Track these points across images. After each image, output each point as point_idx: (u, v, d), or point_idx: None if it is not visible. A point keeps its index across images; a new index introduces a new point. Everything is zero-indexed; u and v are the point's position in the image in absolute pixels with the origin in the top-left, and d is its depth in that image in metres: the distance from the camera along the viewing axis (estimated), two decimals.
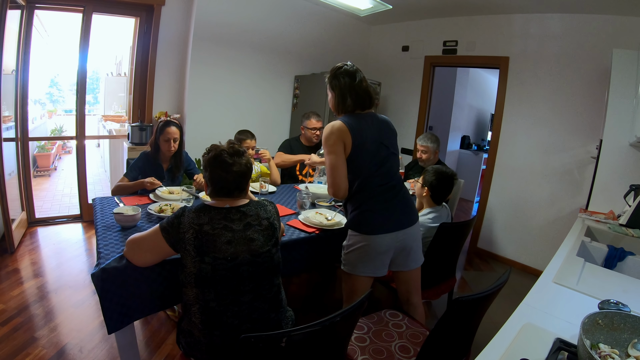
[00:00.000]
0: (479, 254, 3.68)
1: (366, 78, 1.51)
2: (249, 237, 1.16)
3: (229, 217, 1.16)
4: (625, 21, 2.78)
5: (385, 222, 1.46)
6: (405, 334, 1.42)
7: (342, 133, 1.41)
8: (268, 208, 1.27)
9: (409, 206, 1.54)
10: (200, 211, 1.14)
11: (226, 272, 1.11)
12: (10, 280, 2.30)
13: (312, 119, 2.81)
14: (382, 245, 1.46)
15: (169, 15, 3.25)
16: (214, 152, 1.19)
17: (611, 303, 0.94)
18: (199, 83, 3.33)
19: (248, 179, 1.24)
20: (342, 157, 1.43)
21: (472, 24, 3.62)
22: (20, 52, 2.86)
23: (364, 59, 4.61)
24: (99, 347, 1.78)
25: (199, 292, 1.11)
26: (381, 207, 1.47)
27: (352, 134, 1.41)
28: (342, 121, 1.44)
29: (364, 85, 1.49)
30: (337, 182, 1.44)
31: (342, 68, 1.49)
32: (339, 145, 1.42)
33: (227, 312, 1.12)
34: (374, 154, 1.46)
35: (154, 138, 2.19)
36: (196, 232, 1.10)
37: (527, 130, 3.34)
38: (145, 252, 1.18)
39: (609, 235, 1.97)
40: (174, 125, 2.17)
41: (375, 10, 3.07)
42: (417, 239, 1.57)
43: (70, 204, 4.19)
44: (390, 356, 1.28)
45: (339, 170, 1.43)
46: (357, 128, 1.43)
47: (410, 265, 1.58)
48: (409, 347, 1.34)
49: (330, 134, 1.42)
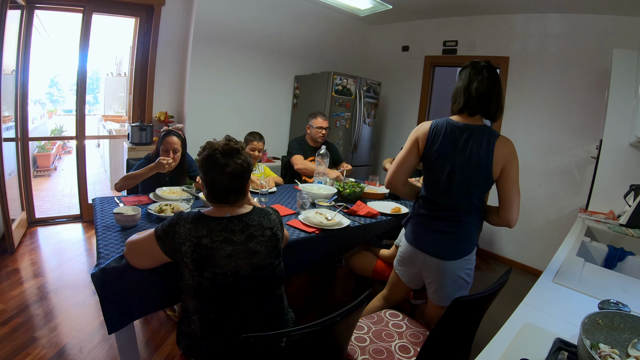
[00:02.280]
0: (479, 254, 3.66)
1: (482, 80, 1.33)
2: (251, 250, 1.09)
3: (230, 228, 1.09)
4: (625, 21, 2.78)
5: (414, 235, 1.47)
6: (405, 333, 1.42)
7: (419, 132, 1.41)
8: (272, 217, 1.20)
9: (449, 238, 1.38)
10: (198, 222, 1.07)
11: (226, 287, 1.06)
12: (10, 280, 2.30)
13: (319, 117, 2.83)
14: (405, 254, 1.51)
15: (169, 15, 3.25)
16: (207, 152, 1.11)
17: (611, 303, 0.94)
18: (199, 83, 3.33)
19: (246, 180, 1.15)
20: (407, 154, 1.42)
21: (472, 24, 3.62)
22: (20, 52, 2.86)
23: (364, 59, 4.62)
24: (99, 347, 1.77)
25: (198, 304, 1.08)
26: (421, 221, 1.46)
27: (428, 137, 1.38)
28: (433, 121, 1.41)
29: (482, 89, 1.33)
30: (390, 174, 1.45)
31: (475, 64, 1.37)
32: (412, 142, 1.42)
33: (227, 323, 1.09)
34: (440, 169, 1.36)
35: (156, 147, 2.13)
36: (194, 245, 1.04)
37: (527, 130, 3.34)
38: (143, 258, 1.15)
39: (609, 235, 1.97)
40: (175, 135, 2.07)
41: (375, 10, 3.07)
42: (448, 275, 1.40)
43: (70, 204, 4.19)
44: (390, 356, 1.28)
45: (397, 163, 1.44)
46: (437, 134, 1.36)
47: (434, 298, 1.48)
48: (409, 347, 1.33)
49: (415, 129, 1.44)
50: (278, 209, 1.98)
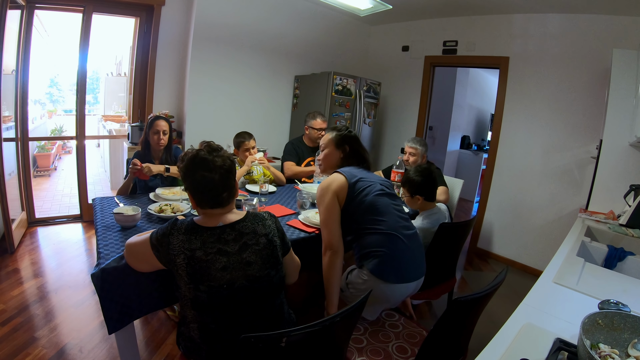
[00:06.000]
0: (479, 254, 3.68)
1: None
2: (245, 261, 1.06)
3: (223, 239, 1.06)
4: (625, 21, 2.78)
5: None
6: (402, 334, 1.42)
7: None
8: (267, 223, 1.15)
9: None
10: (190, 233, 1.04)
11: (223, 299, 1.04)
12: (10, 280, 2.30)
13: (318, 119, 2.82)
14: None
15: (169, 15, 3.25)
16: (190, 155, 1.09)
17: (611, 303, 0.94)
18: (199, 83, 3.33)
19: (234, 176, 1.13)
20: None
21: (472, 24, 3.62)
22: (20, 52, 2.85)
23: (364, 59, 4.61)
24: (99, 347, 1.77)
25: (196, 314, 1.06)
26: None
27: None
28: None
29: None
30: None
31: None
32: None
33: (227, 331, 1.08)
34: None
35: (143, 135, 2.23)
36: (188, 258, 1.01)
37: (527, 130, 3.34)
38: (141, 262, 1.14)
39: (609, 235, 1.97)
40: (162, 118, 2.22)
41: (375, 10, 3.06)
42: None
43: (70, 204, 4.18)
44: (387, 356, 1.28)
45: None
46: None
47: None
48: (407, 347, 1.34)
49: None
50: (278, 209, 1.99)
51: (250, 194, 2.26)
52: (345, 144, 1.65)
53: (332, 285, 1.41)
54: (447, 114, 5.69)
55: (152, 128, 2.17)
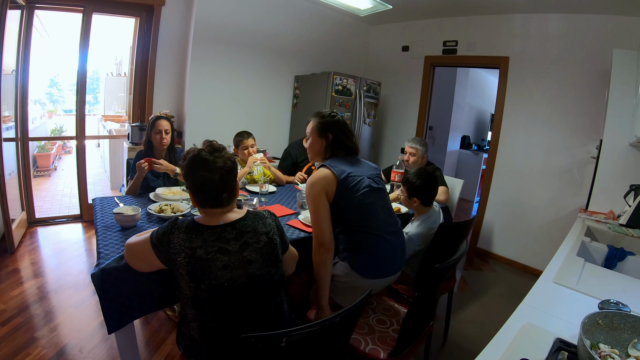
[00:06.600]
0: (479, 254, 3.68)
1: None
2: (246, 259, 1.06)
3: (224, 237, 1.06)
4: (625, 21, 2.78)
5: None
6: (378, 308, 1.58)
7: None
8: (267, 221, 1.16)
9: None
10: (191, 232, 1.04)
11: (224, 297, 1.04)
12: (10, 280, 2.30)
13: None
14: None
15: (169, 15, 3.25)
16: (192, 154, 1.09)
17: (611, 303, 0.94)
18: (199, 83, 3.33)
19: (235, 177, 1.13)
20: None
21: (472, 24, 3.62)
22: (20, 52, 2.86)
23: (364, 59, 4.62)
24: (99, 347, 1.78)
25: (196, 313, 1.06)
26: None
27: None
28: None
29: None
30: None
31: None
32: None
33: (227, 330, 1.08)
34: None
35: (146, 136, 2.25)
36: (188, 256, 1.01)
37: (527, 130, 3.34)
38: (141, 262, 1.14)
39: (609, 235, 1.97)
40: (164, 118, 2.24)
41: (375, 10, 3.07)
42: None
43: (70, 204, 4.19)
44: (371, 329, 1.43)
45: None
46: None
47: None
48: (385, 320, 1.50)
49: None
50: (278, 209, 1.99)
51: (250, 194, 2.26)
52: (328, 132, 1.53)
53: (322, 280, 1.43)
54: (447, 114, 5.69)
55: (154, 128, 2.19)
